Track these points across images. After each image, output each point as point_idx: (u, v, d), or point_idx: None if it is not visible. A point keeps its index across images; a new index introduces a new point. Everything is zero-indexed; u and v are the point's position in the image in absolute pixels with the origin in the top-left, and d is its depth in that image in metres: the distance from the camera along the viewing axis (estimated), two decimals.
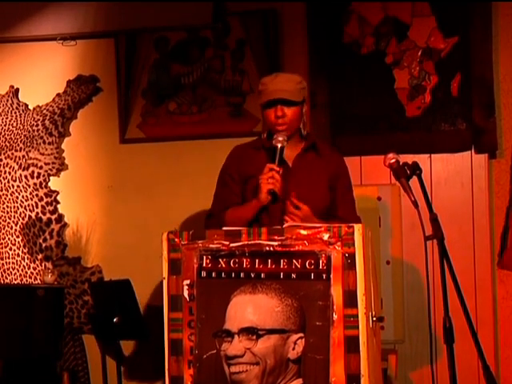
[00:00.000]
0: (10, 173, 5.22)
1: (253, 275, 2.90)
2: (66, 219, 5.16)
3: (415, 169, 3.13)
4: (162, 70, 5.06)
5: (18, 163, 5.21)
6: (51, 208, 5.17)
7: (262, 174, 3.29)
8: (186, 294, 2.97)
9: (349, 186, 3.58)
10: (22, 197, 5.19)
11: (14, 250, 5.21)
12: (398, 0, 4.71)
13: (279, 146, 3.35)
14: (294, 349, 2.83)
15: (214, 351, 2.91)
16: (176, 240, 3.00)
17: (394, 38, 4.76)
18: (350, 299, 2.79)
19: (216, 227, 3.39)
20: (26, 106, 5.23)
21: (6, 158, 5.23)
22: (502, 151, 4.66)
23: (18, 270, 5.20)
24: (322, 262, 2.83)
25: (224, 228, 3.03)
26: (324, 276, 2.83)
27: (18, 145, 5.21)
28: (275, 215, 3.35)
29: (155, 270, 4.86)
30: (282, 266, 2.87)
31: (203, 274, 2.96)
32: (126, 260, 5.02)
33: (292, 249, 2.87)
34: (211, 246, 2.96)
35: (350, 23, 4.80)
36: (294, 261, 2.86)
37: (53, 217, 5.16)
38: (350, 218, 3.43)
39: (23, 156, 5.20)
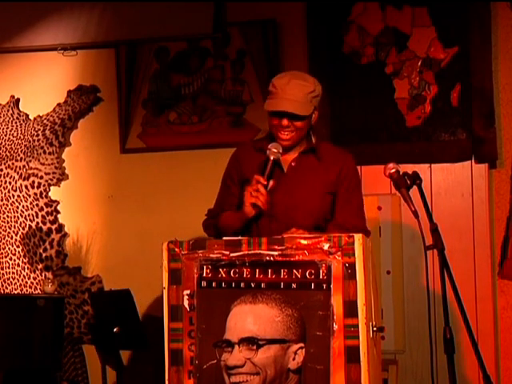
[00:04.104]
0: (10, 183, 5.22)
1: (253, 285, 2.90)
2: (66, 229, 5.16)
3: (415, 179, 3.13)
4: (163, 80, 5.07)
5: (18, 173, 5.21)
6: (51, 218, 5.17)
7: (248, 185, 3.21)
8: (186, 303, 2.97)
9: (352, 190, 3.36)
10: (23, 207, 5.19)
11: (14, 260, 5.20)
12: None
13: (272, 158, 3.23)
14: (294, 359, 2.83)
15: (215, 361, 2.90)
16: (176, 250, 2.99)
17: (393, 48, 4.77)
18: (351, 309, 2.79)
19: (210, 228, 3.43)
20: (27, 115, 5.24)
21: (6, 168, 5.23)
22: (502, 161, 4.66)
23: (18, 280, 5.19)
24: (323, 272, 2.83)
25: (224, 238, 3.02)
26: (324, 286, 2.82)
27: (19, 155, 5.22)
28: (264, 228, 3.28)
29: (155, 279, 4.88)
30: (282, 276, 2.87)
31: (203, 283, 2.96)
32: (126, 270, 5.02)
33: (292, 258, 2.87)
34: (211, 255, 2.95)
35: (350, 33, 4.82)
36: (295, 271, 2.86)
37: (53, 227, 5.17)
38: (350, 223, 3.28)
39: (23, 166, 5.21)
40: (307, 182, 3.34)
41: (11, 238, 5.21)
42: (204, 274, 2.96)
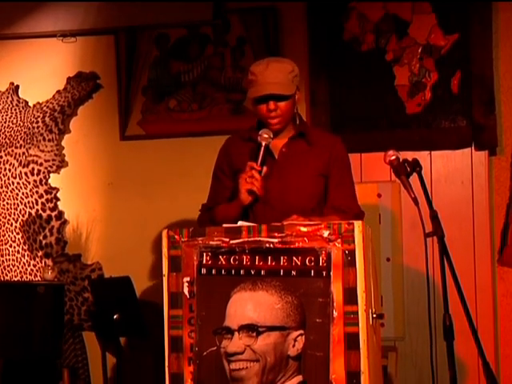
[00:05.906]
0: (10, 170, 5.22)
1: (253, 272, 2.90)
2: (66, 216, 5.16)
3: (415, 166, 3.13)
4: (163, 67, 5.05)
5: (18, 160, 5.21)
6: (51, 205, 5.17)
7: (242, 173, 3.24)
8: (186, 291, 2.98)
9: (344, 173, 3.41)
10: (22, 194, 5.19)
11: (14, 247, 5.21)
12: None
13: (263, 143, 3.26)
14: (294, 346, 2.83)
15: (214, 348, 2.91)
16: (176, 237, 2.99)
17: (394, 35, 4.76)
18: (350, 296, 2.79)
19: (207, 222, 3.40)
20: (26, 102, 5.23)
21: (6, 155, 5.23)
22: (502, 148, 4.66)
23: (18, 267, 5.20)
24: (322, 259, 2.83)
25: (224, 225, 3.02)
26: (324, 273, 2.83)
27: (18, 142, 5.21)
28: (260, 214, 3.29)
29: (155, 267, 4.91)
30: (282, 263, 2.87)
31: (203, 271, 2.97)
32: (126, 257, 5.02)
33: (292, 246, 2.87)
34: (211, 242, 2.96)
35: (350, 20, 4.80)
36: (294, 258, 2.86)
37: (53, 214, 5.17)
38: (345, 205, 3.33)
39: (23, 153, 5.20)
40: (299, 167, 3.36)
41: (11, 225, 5.21)
42: (204, 261, 2.96)
